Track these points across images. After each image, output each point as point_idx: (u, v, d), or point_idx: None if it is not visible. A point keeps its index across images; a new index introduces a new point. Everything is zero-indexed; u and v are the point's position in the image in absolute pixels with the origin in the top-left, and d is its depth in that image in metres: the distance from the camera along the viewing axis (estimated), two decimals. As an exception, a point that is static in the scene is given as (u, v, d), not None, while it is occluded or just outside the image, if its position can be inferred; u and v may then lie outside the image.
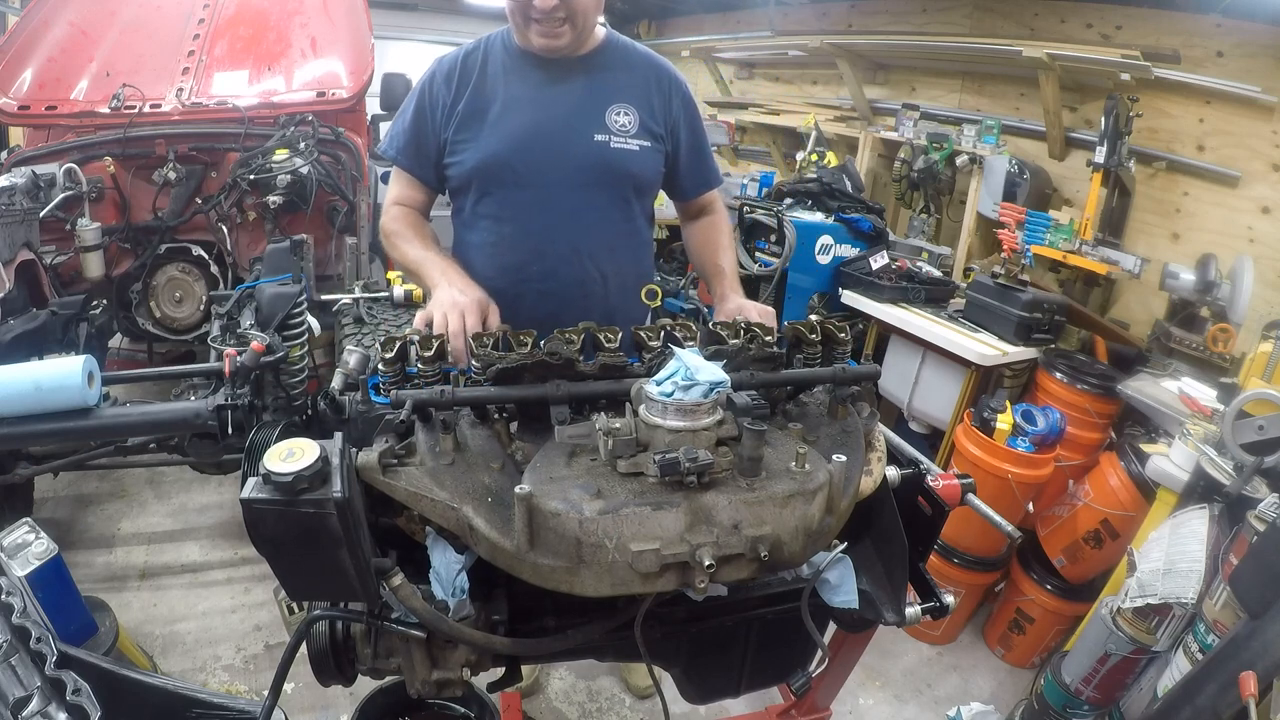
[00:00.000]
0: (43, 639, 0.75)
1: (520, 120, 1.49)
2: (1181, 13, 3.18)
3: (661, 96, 1.55)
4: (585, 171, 1.50)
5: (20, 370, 1.04)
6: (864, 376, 1.10)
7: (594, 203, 1.53)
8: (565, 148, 1.49)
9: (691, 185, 1.67)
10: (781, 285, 3.66)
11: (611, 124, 1.50)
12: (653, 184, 1.61)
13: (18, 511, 2.24)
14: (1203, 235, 3.12)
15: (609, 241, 1.57)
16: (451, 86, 1.52)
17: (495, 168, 1.50)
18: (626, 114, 1.51)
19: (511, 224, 1.52)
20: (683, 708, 1.89)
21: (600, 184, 1.52)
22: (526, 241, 1.52)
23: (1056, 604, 2.55)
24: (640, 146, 1.52)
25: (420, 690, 1.02)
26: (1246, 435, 1.80)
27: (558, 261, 1.53)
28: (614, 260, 1.59)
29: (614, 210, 1.56)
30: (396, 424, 0.91)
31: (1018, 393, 2.85)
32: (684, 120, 1.59)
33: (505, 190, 1.51)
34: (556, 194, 1.50)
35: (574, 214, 1.51)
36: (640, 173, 1.55)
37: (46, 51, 3.07)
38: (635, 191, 1.57)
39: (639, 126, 1.52)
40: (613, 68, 1.54)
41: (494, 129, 1.49)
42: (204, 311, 2.97)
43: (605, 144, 1.49)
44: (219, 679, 2.33)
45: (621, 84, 1.53)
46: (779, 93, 5.68)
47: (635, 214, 1.60)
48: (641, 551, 0.78)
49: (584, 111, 1.50)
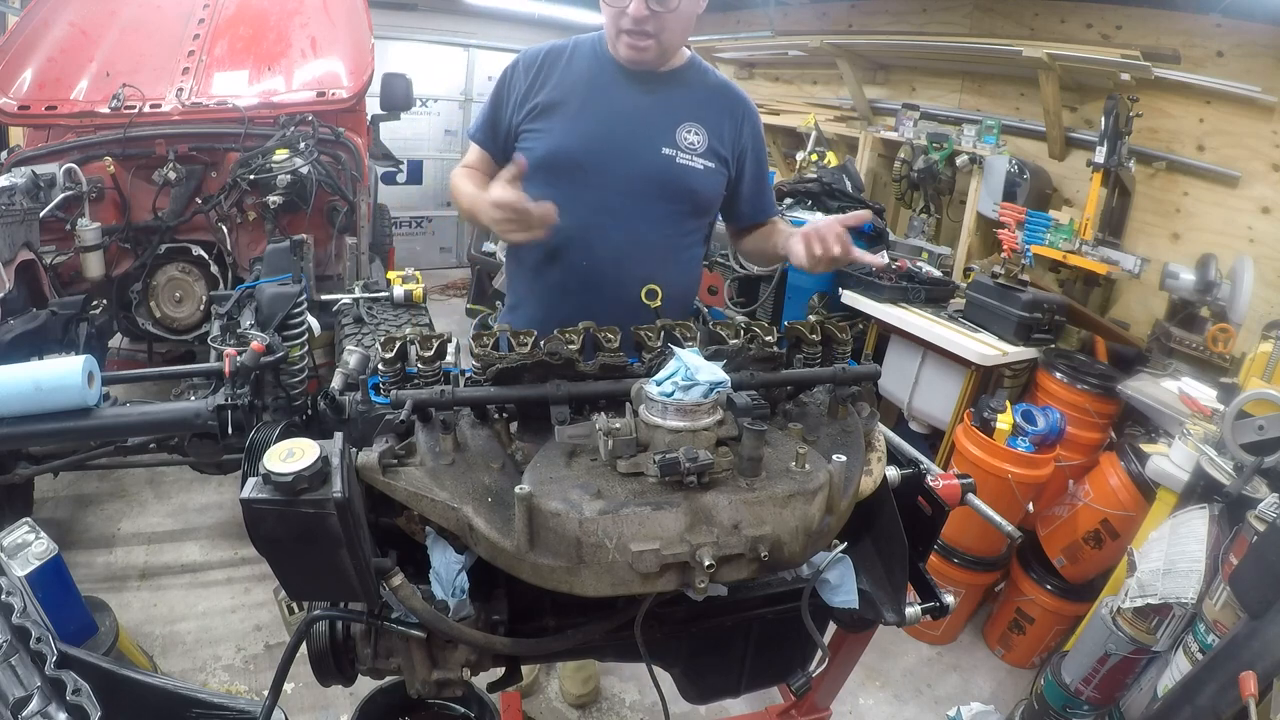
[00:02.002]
0: (43, 639, 0.75)
1: (594, 120, 1.52)
2: (1181, 13, 3.18)
3: (733, 123, 1.58)
4: (647, 181, 1.52)
5: (20, 370, 1.04)
6: (864, 376, 1.10)
7: (650, 212, 1.54)
8: (632, 154, 1.52)
9: (750, 212, 1.69)
10: (781, 285, 3.67)
11: (680, 140, 1.52)
12: (712, 204, 1.63)
13: (18, 511, 2.23)
14: (1203, 235, 3.12)
15: (658, 252, 1.58)
16: (530, 76, 1.56)
17: (563, 161, 1.52)
18: (696, 133, 1.53)
19: (568, 217, 1.51)
20: (683, 708, 1.89)
21: (660, 195, 1.54)
22: (579, 236, 1.53)
23: (1056, 604, 2.55)
24: (705, 166, 1.54)
25: (420, 690, 1.02)
26: (1246, 435, 1.80)
27: (603, 263, 1.55)
28: (661, 272, 1.59)
29: (669, 223, 1.57)
30: (396, 424, 0.91)
31: (1018, 393, 2.85)
32: (751, 150, 1.62)
33: (568, 184, 1.52)
34: (615, 197, 1.52)
35: (628, 219, 1.53)
36: (701, 190, 1.56)
37: (46, 51, 3.07)
38: (693, 208, 1.59)
39: (706, 147, 1.54)
40: (691, 88, 1.57)
41: (568, 124, 1.53)
42: (204, 311, 2.97)
43: (671, 158, 1.51)
44: (219, 679, 2.32)
45: (696, 104, 1.56)
46: (779, 93, 5.68)
47: (689, 230, 1.61)
48: (641, 551, 0.78)
49: (656, 124, 1.53)
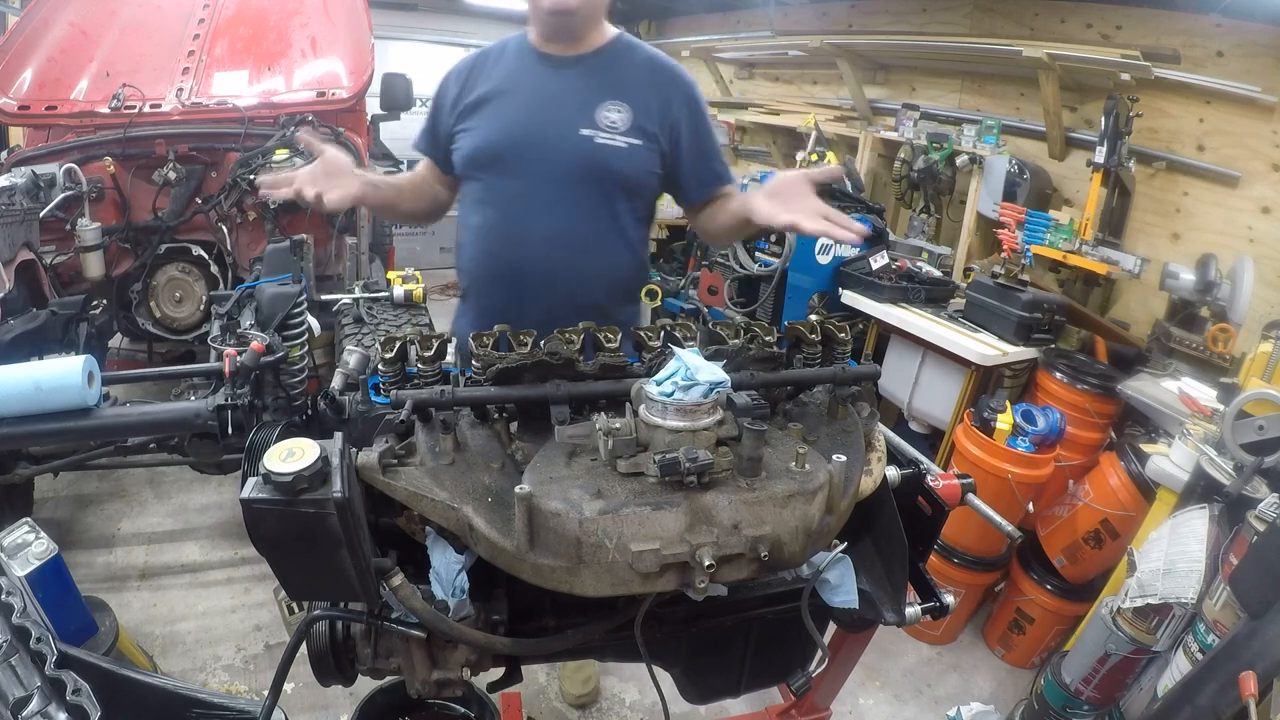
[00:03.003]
0: (43, 639, 0.75)
1: (513, 112, 1.53)
2: (1181, 13, 3.17)
3: (660, 97, 1.54)
4: (568, 165, 1.50)
5: (20, 370, 1.04)
6: (864, 376, 1.10)
7: (574, 197, 1.52)
8: (549, 140, 1.50)
9: (695, 186, 1.62)
10: (781, 285, 3.67)
11: (601, 120, 1.49)
12: (642, 183, 1.58)
13: (18, 511, 2.23)
14: (1203, 235, 3.12)
15: (587, 237, 1.56)
16: (462, 81, 1.59)
17: (486, 155, 1.54)
18: (619, 111, 1.50)
19: (495, 210, 1.55)
20: (683, 708, 1.88)
21: (583, 179, 1.51)
22: (508, 227, 1.55)
23: (1056, 604, 2.55)
24: (629, 144, 1.50)
25: (420, 690, 1.02)
26: (1246, 435, 1.80)
27: (531, 250, 1.54)
28: (588, 256, 1.57)
29: (596, 206, 1.55)
30: (396, 424, 0.91)
31: (1018, 393, 2.85)
32: (686, 121, 1.56)
33: (494, 178, 1.55)
34: (539, 185, 1.51)
35: (552, 206, 1.52)
36: (625, 170, 1.52)
37: (46, 51, 3.07)
38: (621, 189, 1.55)
39: (630, 124, 1.50)
40: (613, 66, 1.55)
41: (490, 118, 1.54)
42: (204, 311, 2.97)
43: (590, 139, 1.48)
44: (219, 679, 2.32)
45: (619, 82, 1.52)
46: (779, 93, 5.67)
47: (620, 212, 1.57)
48: (641, 551, 0.78)
49: (575, 107, 1.50)
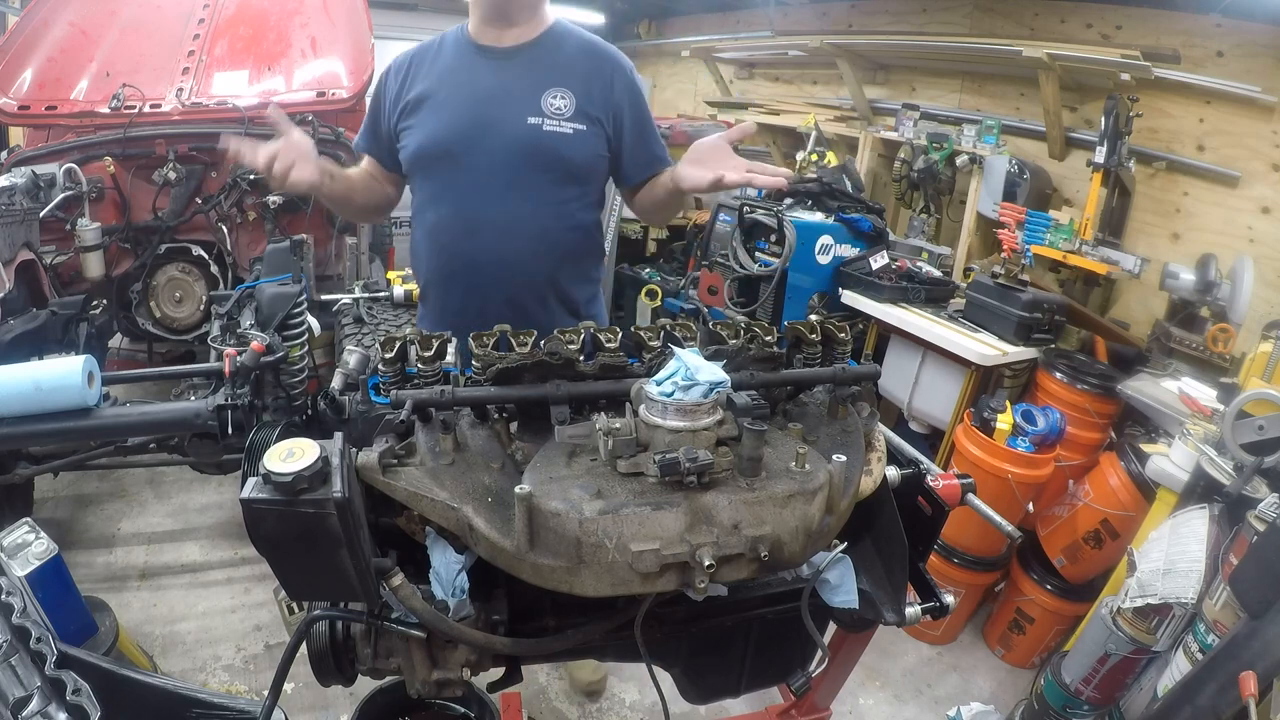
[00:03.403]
0: (43, 639, 0.75)
1: (458, 105, 1.53)
2: (1181, 13, 3.18)
3: (601, 81, 1.55)
4: (516, 154, 1.51)
5: (20, 370, 1.04)
6: (864, 376, 1.10)
7: (524, 185, 1.53)
8: (497, 131, 1.51)
9: (635, 169, 1.64)
10: (781, 285, 3.66)
11: (546, 107, 1.50)
12: (590, 167, 1.59)
13: (18, 511, 2.23)
14: (1203, 235, 3.12)
15: (539, 224, 1.57)
16: (400, 78, 1.60)
17: (433, 150, 1.54)
18: (563, 98, 1.51)
19: (448, 205, 1.56)
20: (683, 708, 1.89)
21: (532, 166, 1.52)
22: (461, 220, 1.55)
23: (1056, 604, 2.55)
24: (575, 130, 1.51)
25: (420, 690, 1.02)
26: (1246, 435, 1.80)
27: (487, 240, 1.55)
28: (544, 242, 1.58)
29: (545, 193, 1.56)
30: (396, 424, 0.91)
31: (1018, 393, 2.84)
32: (627, 104, 1.58)
33: (443, 172, 1.55)
34: (490, 176, 1.52)
35: (504, 196, 1.53)
36: (572, 156, 1.54)
37: (46, 51, 3.07)
38: (569, 175, 1.56)
39: (575, 110, 1.51)
40: (553, 54, 1.56)
41: (434, 114, 1.54)
42: (204, 311, 2.97)
43: (537, 126, 1.50)
44: (219, 679, 2.32)
45: (561, 70, 1.54)
46: (779, 93, 5.68)
47: (569, 198, 1.59)
48: (641, 551, 0.78)
49: (519, 95, 1.51)
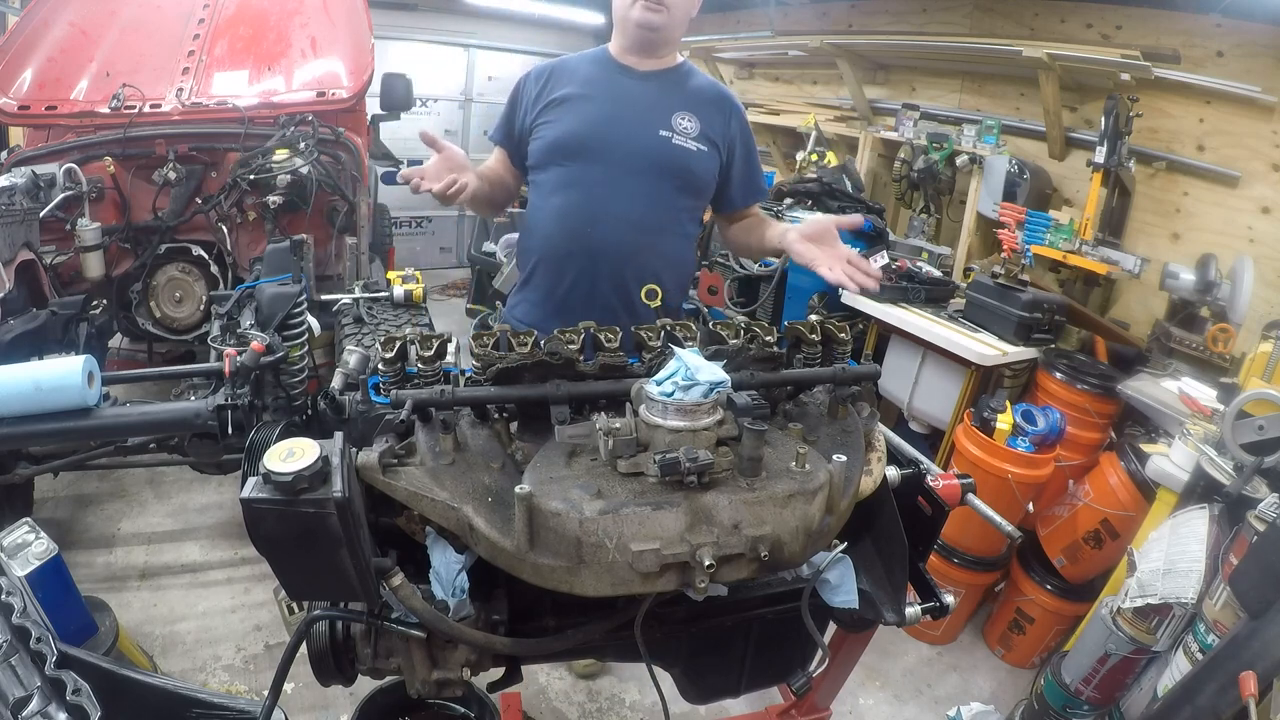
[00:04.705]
0: (43, 639, 0.75)
1: (597, 107, 1.73)
2: (1181, 13, 3.18)
3: (722, 115, 1.78)
4: (647, 159, 1.71)
5: (20, 370, 1.04)
6: (864, 376, 1.10)
7: (649, 188, 1.73)
8: (633, 136, 1.71)
9: (742, 196, 1.88)
10: (781, 285, 3.67)
11: (675, 125, 1.72)
12: (705, 184, 1.79)
13: (18, 511, 2.23)
14: (1203, 235, 3.12)
15: (655, 225, 1.76)
16: (541, 82, 1.79)
17: (570, 142, 1.72)
18: (690, 120, 1.73)
19: (579, 191, 1.73)
20: (683, 708, 1.89)
21: (658, 172, 1.72)
22: (588, 207, 1.72)
23: (1056, 604, 2.55)
24: (698, 149, 1.73)
25: (420, 690, 1.02)
26: (1246, 435, 1.80)
27: (609, 230, 1.72)
28: (658, 243, 1.78)
29: (666, 198, 1.76)
30: (396, 424, 0.91)
31: (1018, 393, 2.85)
32: (740, 139, 1.81)
33: (577, 163, 1.73)
34: (619, 173, 1.71)
35: (631, 192, 1.72)
36: (694, 169, 1.74)
37: (46, 51, 3.07)
38: (687, 186, 1.77)
39: (699, 132, 1.73)
40: (683, 84, 1.79)
41: (575, 112, 1.73)
42: (204, 311, 2.97)
43: (668, 140, 1.71)
44: (219, 679, 2.32)
45: (688, 98, 1.76)
46: (779, 93, 5.68)
47: (683, 207, 1.79)
48: (641, 551, 0.78)
49: (653, 110, 1.73)
